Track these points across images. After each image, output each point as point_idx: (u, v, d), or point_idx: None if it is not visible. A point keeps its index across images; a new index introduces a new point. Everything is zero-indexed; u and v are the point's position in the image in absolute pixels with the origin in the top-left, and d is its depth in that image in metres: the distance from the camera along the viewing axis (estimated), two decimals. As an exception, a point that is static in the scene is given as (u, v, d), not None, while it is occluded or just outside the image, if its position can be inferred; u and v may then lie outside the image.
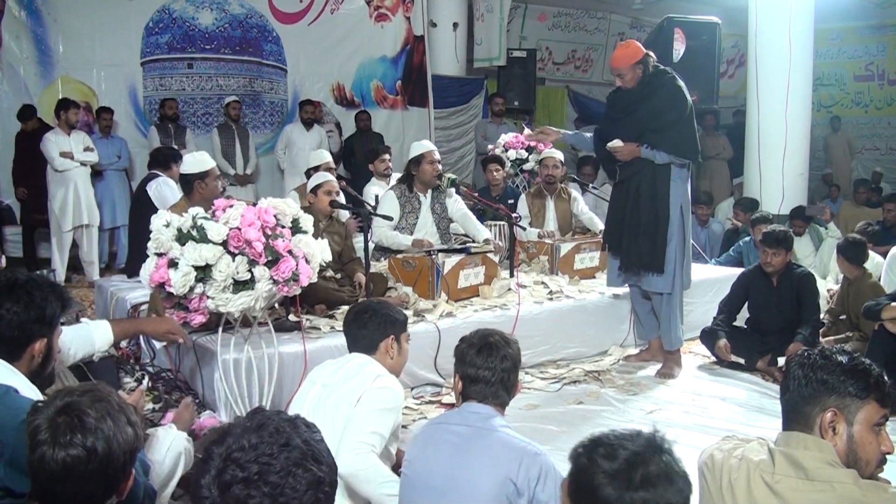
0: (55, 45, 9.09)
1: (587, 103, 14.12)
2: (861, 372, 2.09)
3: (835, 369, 2.10)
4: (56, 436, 1.81)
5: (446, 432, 2.69)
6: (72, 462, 1.80)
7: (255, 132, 10.43)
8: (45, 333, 2.54)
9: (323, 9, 10.91)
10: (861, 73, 15.30)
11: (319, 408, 3.03)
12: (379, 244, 6.15)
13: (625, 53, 5.23)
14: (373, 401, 2.99)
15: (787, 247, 5.51)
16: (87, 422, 1.83)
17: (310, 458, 1.54)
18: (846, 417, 2.08)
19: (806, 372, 2.13)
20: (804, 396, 2.12)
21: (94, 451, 1.81)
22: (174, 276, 3.34)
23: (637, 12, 14.54)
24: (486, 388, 2.73)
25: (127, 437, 1.88)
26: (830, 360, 2.12)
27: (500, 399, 2.77)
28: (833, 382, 2.09)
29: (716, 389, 5.21)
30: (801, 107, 8.88)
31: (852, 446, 2.07)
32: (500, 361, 2.74)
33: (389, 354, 3.25)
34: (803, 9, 8.75)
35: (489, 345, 2.77)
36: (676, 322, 5.44)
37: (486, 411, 2.70)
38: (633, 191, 5.33)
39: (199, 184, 4.85)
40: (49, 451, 1.81)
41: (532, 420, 4.52)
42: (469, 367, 2.75)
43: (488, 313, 5.33)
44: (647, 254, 5.29)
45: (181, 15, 9.92)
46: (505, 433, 2.63)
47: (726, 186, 12.22)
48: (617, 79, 5.30)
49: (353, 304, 4.04)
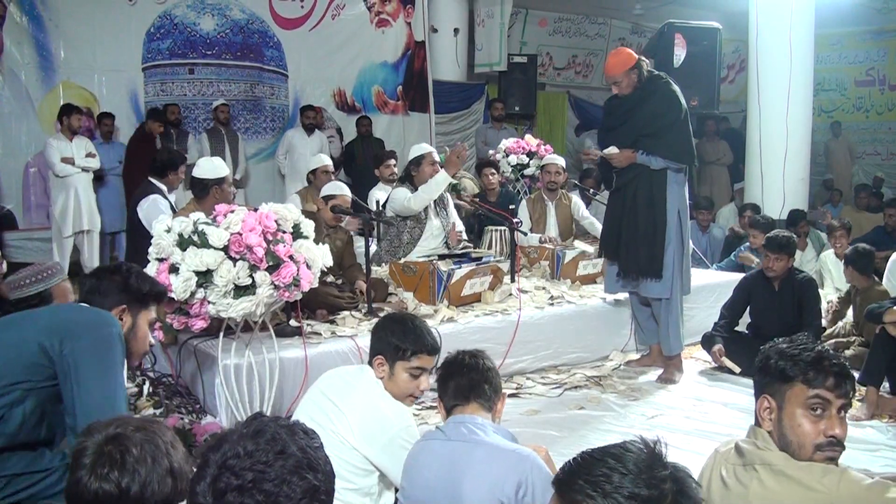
0: (56, 50, 9.10)
1: (588, 108, 14.12)
2: (790, 356, 2.10)
3: (771, 357, 2.14)
4: (95, 465, 1.78)
5: (434, 448, 2.60)
6: (103, 496, 1.76)
7: (255, 137, 10.45)
8: (125, 302, 2.77)
9: (324, 14, 10.92)
10: (862, 78, 15.29)
11: (320, 415, 3.00)
12: (399, 214, 6.11)
13: (618, 61, 5.24)
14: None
15: (789, 252, 5.51)
16: (128, 460, 1.78)
17: (305, 467, 1.51)
18: (777, 402, 2.11)
19: (757, 367, 2.19)
20: (755, 390, 2.19)
21: (126, 491, 1.76)
22: (175, 282, 3.35)
23: (637, 18, 14.54)
24: (466, 382, 2.66)
25: (163, 487, 1.80)
26: (770, 351, 2.16)
27: (483, 393, 2.66)
28: (768, 369, 2.14)
29: (717, 395, 5.21)
30: (801, 112, 8.88)
31: (782, 430, 2.10)
32: (483, 360, 2.73)
33: (379, 374, 2.97)
34: (804, 14, 8.75)
35: (469, 352, 2.78)
36: (676, 327, 5.44)
37: (474, 419, 2.59)
38: (629, 197, 5.34)
39: (217, 189, 4.92)
40: (85, 478, 1.77)
41: (533, 425, 4.52)
42: (450, 369, 2.73)
43: (489, 318, 5.33)
44: (645, 259, 5.29)
45: (182, 20, 9.93)
46: (491, 443, 2.51)
47: (727, 191, 12.23)
48: (613, 87, 5.30)
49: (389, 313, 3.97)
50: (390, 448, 2.84)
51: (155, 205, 5.75)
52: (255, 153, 10.46)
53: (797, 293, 5.51)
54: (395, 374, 2.96)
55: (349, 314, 5.11)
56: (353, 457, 2.85)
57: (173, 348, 4.64)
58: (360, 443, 2.84)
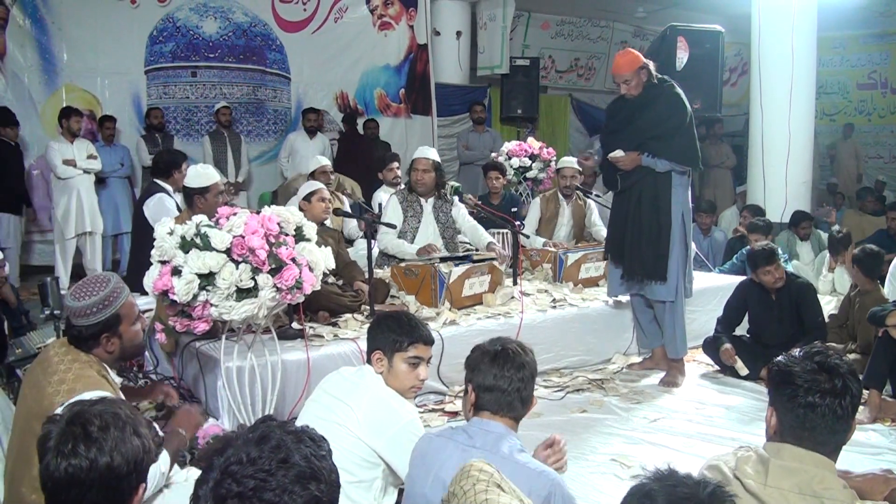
0: (59, 53, 9.13)
1: (590, 111, 14.15)
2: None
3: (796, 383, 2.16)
4: (60, 445, 1.82)
5: (452, 450, 2.54)
6: (73, 472, 1.80)
7: (258, 140, 10.47)
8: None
9: (327, 17, 10.95)
10: (864, 81, 15.30)
11: (325, 411, 3.01)
12: (384, 251, 6.15)
13: (627, 60, 5.23)
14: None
15: (778, 257, 5.51)
16: (91, 432, 1.82)
17: (308, 477, 1.51)
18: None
19: (771, 380, 2.24)
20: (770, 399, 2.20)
21: (95, 462, 1.80)
22: (178, 284, 3.34)
23: (640, 21, 14.57)
24: (501, 397, 2.57)
25: (132, 448, 1.85)
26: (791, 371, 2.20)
27: (515, 412, 2.60)
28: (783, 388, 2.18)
29: (719, 398, 5.20)
30: (804, 115, 8.89)
31: None
32: (516, 370, 2.58)
33: (378, 369, 3.05)
34: (806, 17, 8.76)
35: (505, 352, 2.61)
36: (681, 330, 5.43)
37: (498, 430, 2.55)
38: (634, 199, 5.33)
39: (199, 199, 4.81)
40: (53, 461, 1.81)
41: (535, 428, 4.51)
42: (483, 377, 2.59)
43: (491, 321, 5.32)
44: (649, 262, 5.28)
45: (185, 24, 9.96)
46: (518, 461, 2.46)
47: (729, 195, 12.23)
48: (622, 86, 5.26)
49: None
50: (397, 440, 2.88)
51: (161, 203, 5.77)
52: (258, 156, 10.49)
53: (794, 299, 5.49)
54: (394, 367, 3.04)
55: (351, 317, 5.11)
56: (358, 448, 2.88)
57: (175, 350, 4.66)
58: (367, 435, 2.88)
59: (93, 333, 2.82)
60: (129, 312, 2.92)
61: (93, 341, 2.84)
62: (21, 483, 2.62)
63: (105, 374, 2.84)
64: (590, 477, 3.88)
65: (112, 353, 2.87)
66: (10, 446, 2.82)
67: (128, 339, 2.91)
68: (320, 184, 5.79)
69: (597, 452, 4.23)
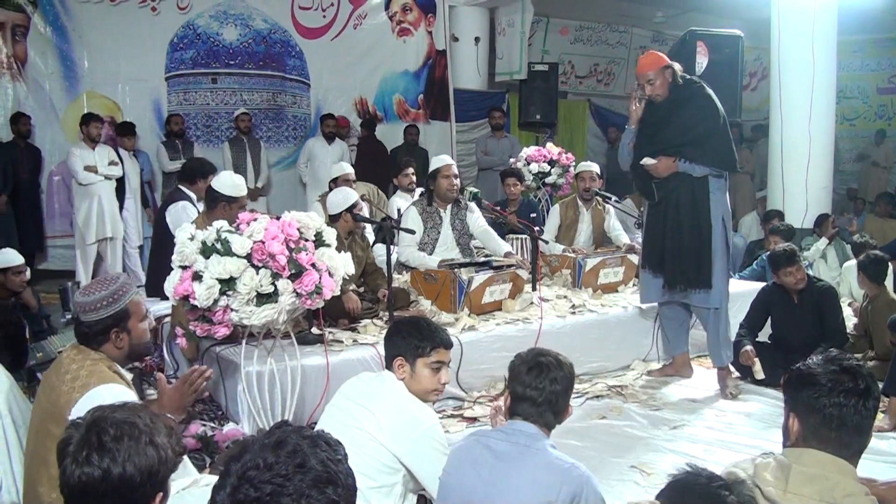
0: (80, 60, 9.20)
1: (609, 117, 14.09)
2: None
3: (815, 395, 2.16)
4: (76, 452, 1.82)
5: (488, 448, 2.63)
6: (87, 480, 1.80)
7: (277, 146, 10.52)
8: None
9: (346, 24, 10.99)
10: (884, 85, 15.20)
11: (346, 416, 3.02)
12: (406, 263, 6.11)
13: (650, 60, 5.18)
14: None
15: (798, 259, 5.47)
16: (105, 442, 1.82)
17: (325, 481, 1.52)
18: None
19: (789, 386, 2.24)
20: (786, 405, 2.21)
21: (108, 472, 1.80)
22: (198, 289, 3.36)
23: (659, 26, 14.52)
24: (531, 407, 2.66)
25: (146, 459, 1.84)
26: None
27: (546, 420, 2.69)
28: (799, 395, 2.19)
29: (739, 405, 5.16)
30: (824, 119, 8.83)
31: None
32: (549, 383, 2.66)
33: (400, 375, 3.09)
34: (826, 21, 8.71)
35: (539, 364, 2.69)
36: (727, 337, 5.34)
37: (532, 431, 2.64)
38: (672, 207, 5.22)
39: (225, 206, 4.81)
40: (70, 467, 1.82)
41: (554, 435, 4.43)
42: (518, 385, 2.68)
43: (510, 327, 5.32)
44: (692, 270, 5.18)
45: (205, 31, 10.02)
46: (551, 454, 2.57)
47: (749, 200, 12.16)
48: (647, 87, 5.14)
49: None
50: (419, 445, 2.91)
51: (184, 210, 5.79)
52: (277, 161, 10.53)
53: (817, 303, 5.45)
54: (416, 372, 3.08)
55: (370, 322, 5.11)
56: (379, 453, 2.90)
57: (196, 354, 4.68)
58: (388, 440, 2.90)
59: (102, 329, 2.84)
60: (138, 309, 2.94)
61: (102, 337, 2.84)
62: (38, 483, 2.64)
63: (117, 370, 2.86)
64: (610, 484, 3.85)
65: (121, 349, 2.88)
66: (27, 447, 2.85)
67: (136, 335, 2.92)
68: (357, 195, 5.74)
69: (616, 459, 4.21)
